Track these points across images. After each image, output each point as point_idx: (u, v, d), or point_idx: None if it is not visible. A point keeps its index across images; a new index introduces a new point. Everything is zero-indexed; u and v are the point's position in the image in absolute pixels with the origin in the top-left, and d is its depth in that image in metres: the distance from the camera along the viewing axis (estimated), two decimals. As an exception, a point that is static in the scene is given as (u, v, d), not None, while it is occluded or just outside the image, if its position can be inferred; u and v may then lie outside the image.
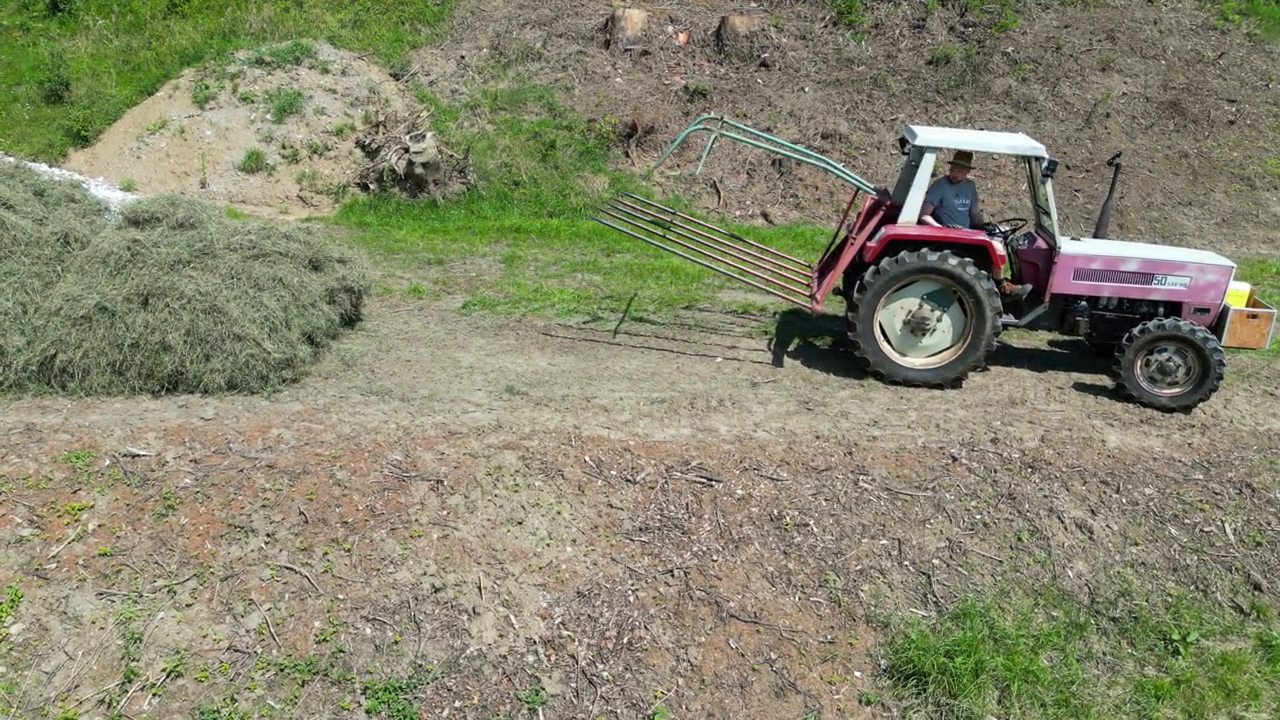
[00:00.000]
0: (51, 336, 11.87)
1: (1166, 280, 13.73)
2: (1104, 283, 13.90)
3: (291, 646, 9.09)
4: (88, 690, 8.65)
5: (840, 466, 11.32)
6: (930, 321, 13.83)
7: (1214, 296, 13.67)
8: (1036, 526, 10.80)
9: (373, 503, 10.30)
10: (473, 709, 8.87)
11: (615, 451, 11.30)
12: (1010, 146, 14.04)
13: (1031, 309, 14.18)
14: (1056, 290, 13.99)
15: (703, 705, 9.08)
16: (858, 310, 13.75)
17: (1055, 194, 13.50)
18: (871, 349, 13.91)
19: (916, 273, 13.54)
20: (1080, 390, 13.57)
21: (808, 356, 14.77)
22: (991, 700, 9.25)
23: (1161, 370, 13.31)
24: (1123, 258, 13.83)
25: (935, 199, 14.36)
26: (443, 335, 15.04)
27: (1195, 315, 13.73)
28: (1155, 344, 13.23)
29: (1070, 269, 13.89)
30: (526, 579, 9.81)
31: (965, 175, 14.48)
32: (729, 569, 10.12)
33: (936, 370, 13.89)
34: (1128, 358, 13.30)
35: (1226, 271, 13.62)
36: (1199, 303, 13.71)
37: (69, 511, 9.87)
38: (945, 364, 13.87)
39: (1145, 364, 13.39)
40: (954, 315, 13.81)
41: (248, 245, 13.26)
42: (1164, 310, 13.88)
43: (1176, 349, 13.23)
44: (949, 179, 14.43)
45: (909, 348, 14.04)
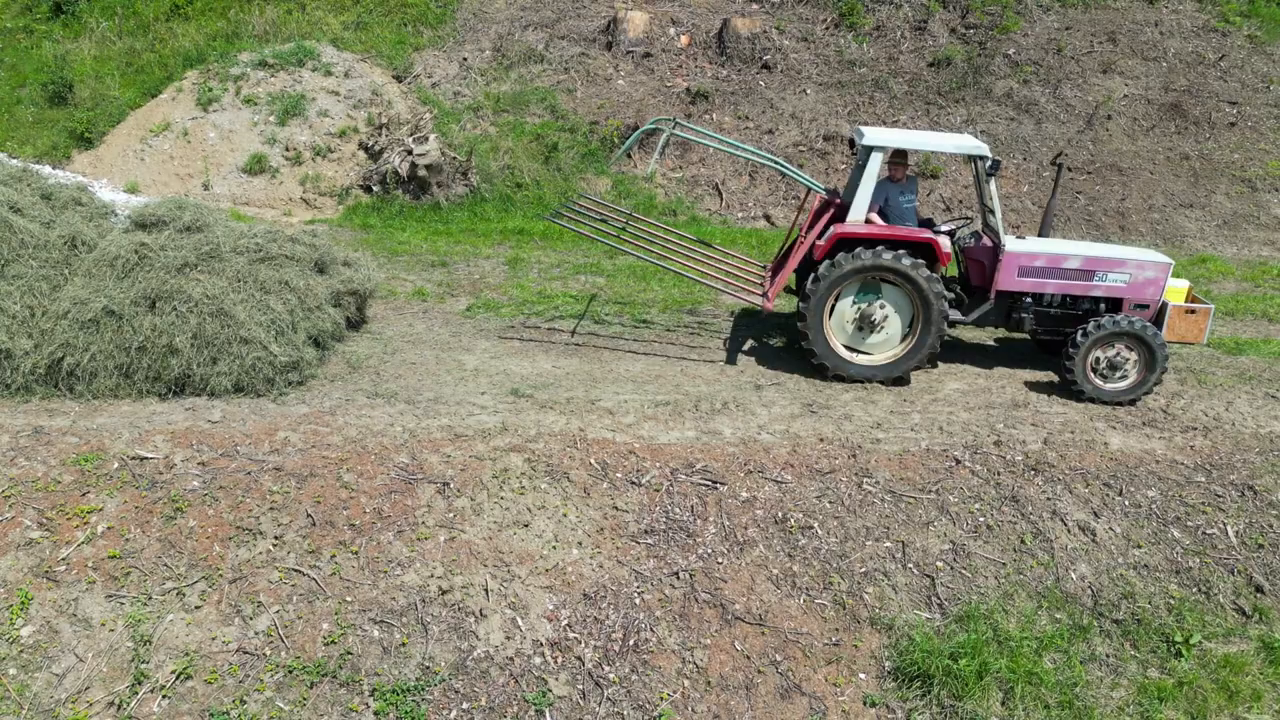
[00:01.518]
0: (59, 339, 11.92)
1: (1107, 277, 14.02)
2: (1047, 280, 14.16)
3: (300, 648, 9.14)
4: (98, 692, 8.70)
5: (844, 469, 11.38)
6: (878, 319, 14.02)
7: (1153, 293, 13.99)
8: (1039, 529, 10.85)
9: (380, 505, 10.35)
10: (480, 710, 8.91)
11: (620, 454, 11.35)
12: (956, 146, 14.24)
13: (978, 306, 14.42)
14: (1002, 287, 14.22)
15: (708, 707, 9.13)
16: (808, 307, 13.93)
17: (999, 192, 13.67)
18: (821, 345, 14.11)
19: (865, 271, 13.71)
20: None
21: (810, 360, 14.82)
22: (995, 702, 9.29)
23: (1111, 366, 13.54)
24: (1065, 255, 14.11)
25: (880, 198, 14.51)
26: (447, 338, 15.10)
27: (1135, 311, 14.02)
28: (1106, 341, 13.43)
29: (1015, 266, 14.13)
30: (533, 581, 9.86)
31: (905, 173, 14.71)
32: (734, 571, 10.18)
33: (884, 367, 14.11)
34: (1080, 355, 13.50)
35: (1165, 268, 13.94)
36: (1139, 299, 14.04)
37: (78, 514, 9.92)
38: (893, 361, 14.08)
39: (1095, 360, 13.59)
40: (902, 313, 14.01)
41: (254, 248, 13.33)
42: (1105, 306, 14.19)
43: (1126, 345, 13.47)
44: (890, 178, 14.65)
45: (858, 344, 14.25)
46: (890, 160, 14.57)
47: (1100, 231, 22.31)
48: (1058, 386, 13.81)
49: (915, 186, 14.97)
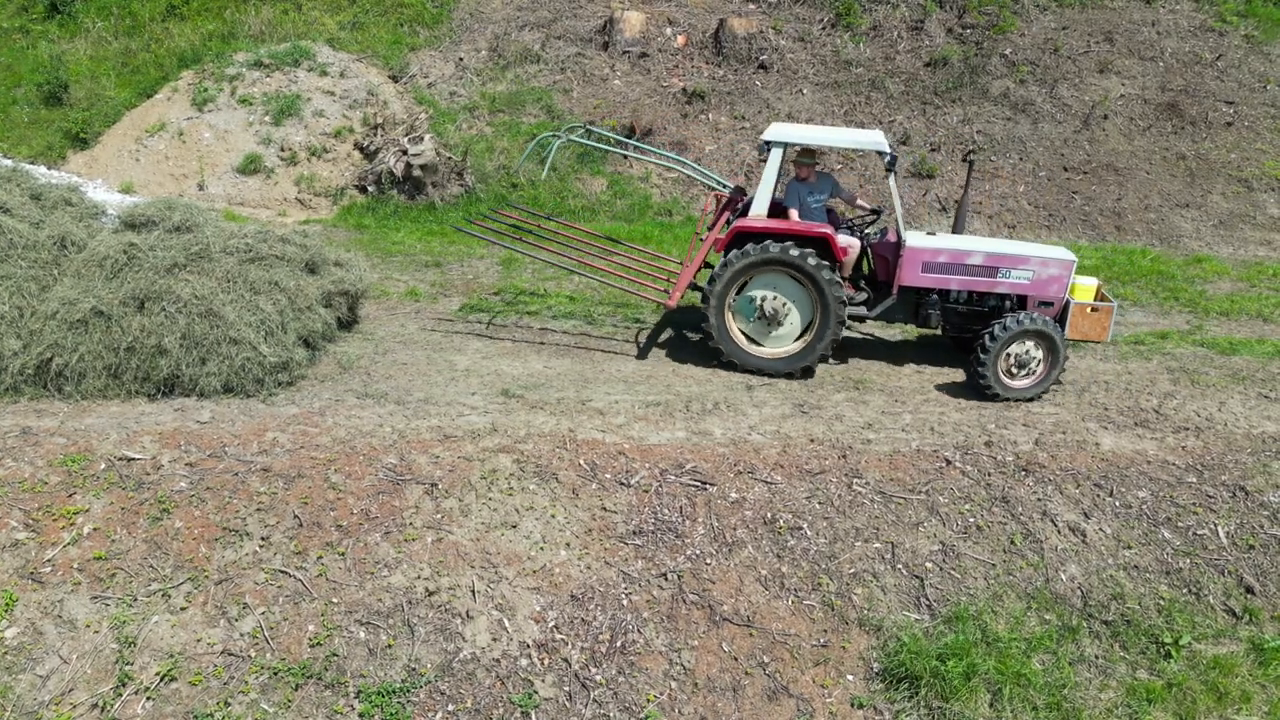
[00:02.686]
0: (48, 340, 11.89)
1: (1011, 274, 14.07)
2: (951, 276, 14.22)
3: (285, 650, 9.11)
4: (82, 694, 8.66)
5: (834, 470, 11.34)
6: (779, 312, 14.17)
7: (1057, 290, 14.01)
8: (1030, 530, 10.81)
9: (367, 506, 10.31)
10: (466, 712, 8.88)
11: (610, 455, 11.32)
12: (854, 142, 14.41)
13: (881, 301, 14.50)
14: (905, 283, 14.30)
15: (695, 709, 9.10)
16: (710, 301, 14.15)
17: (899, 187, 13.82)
18: (724, 339, 14.34)
19: (761, 264, 13.91)
20: (1074, 393, 13.56)
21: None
22: (984, 703, 9.25)
23: (1019, 364, 13.56)
24: (968, 251, 14.17)
25: (795, 199, 14.72)
26: (439, 338, 15.08)
27: (1039, 308, 14.07)
28: (1016, 339, 13.44)
29: (917, 262, 14.20)
30: (520, 582, 9.82)
31: (813, 171, 14.80)
32: (722, 572, 10.14)
33: (786, 360, 14.28)
34: (993, 356, 13.46)
35: (1068, 265, 13.97)
36: (1043, 296, 14.07)
37: (64, 515, 9.88)
38: (794, 354, 14.24)
39: (1006, 360, 13.59)
40: (802, 306, 14.14)
41: (244, 249, 13.30)
42: (1010, 304, 14.26)
43: (1034, 343, 13.47)
44: (798, 178, 14.82)
45: (762, 337, 14.42)
46: (797, 160, 14.83)
47: (1096, 231, 22.29)
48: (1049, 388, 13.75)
49: (828, 185, 15.05)
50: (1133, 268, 19.81)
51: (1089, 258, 20.37)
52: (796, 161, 14.80)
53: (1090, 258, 20.38)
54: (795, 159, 14.82)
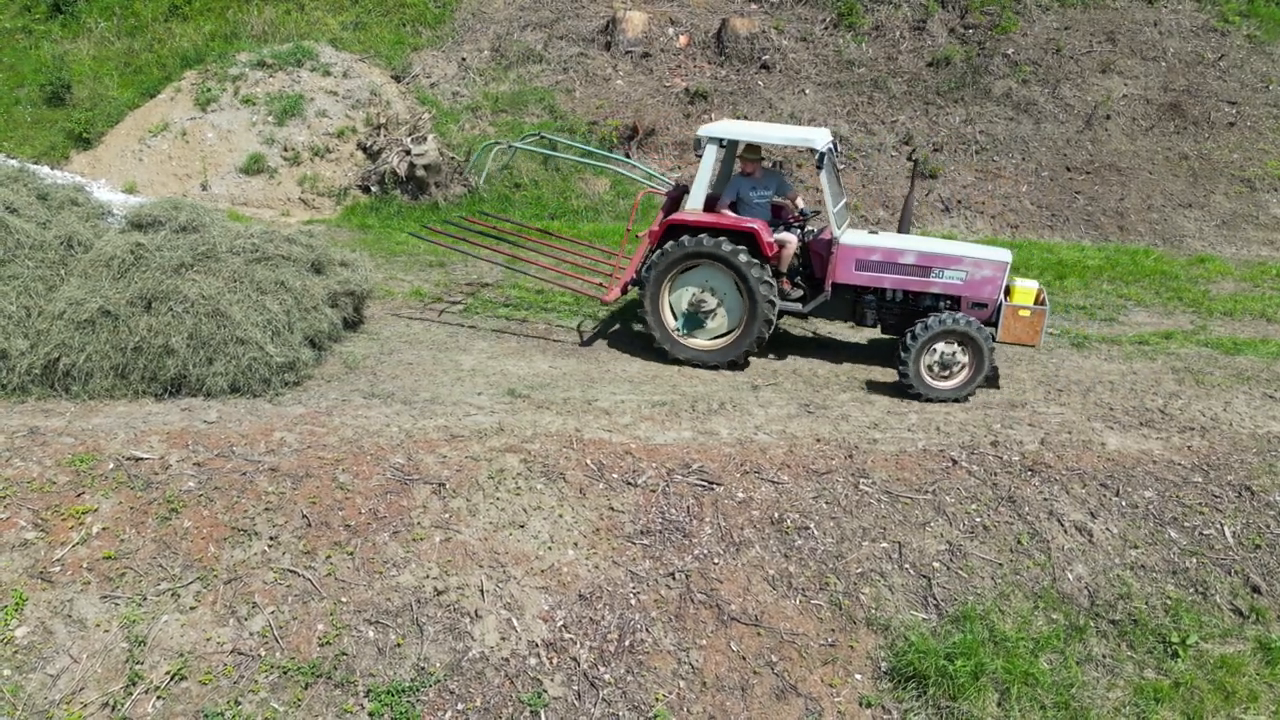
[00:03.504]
0: (55, 340, 11.91)
1: (944, 274, 14.14)
2: (885, 274, 14.32)
3: (295, 649, 9.12)
4: (92, 693, 8.68)
5: (841, 469, 11.36)
6: (710, 305, 14.47)
7: (990, 291, 14.03)
8: (1036, 529, 10.83)
9: (375, 506, 10.33)
10: (475, 711, 8.90)
11: (617, 454, 11.34)
12: (784, 139, 14.88)
13: (814, 298, 14.69)
14: (839, 280, 14.46)
15: (704, 708, 9.11)
16: (644, 293, 14.54)
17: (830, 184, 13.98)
18: (659, 329, 14.67)
19: (690, 257, 14.21)
20: (1079, 393, 13.58)
21: (808, 359, 14.81)
22: (991, 703, 9.27)
23: (943, 365, 13.58)
24: (901, 250, 14.26)
25: (733, 194, 14.91)
26: (444, 338, 15.11)
27: (973, 309, 14.13)
28: (938, 339, 13.49)
29: (851, 260, 14.35)
30: (528, 582, 9.84)
31: (757, 168, 14.93)
32: (730, 572, 10.16)
33: (717, 352, 14.56)
34: (914, 355, 13.52)
35: (1001, 267, 14.00)
36: (976, 297, 14.12)
37: (73, 515, 9.90)
38: (725, 346, 14.53)
39: (929, 359, 13.63)
40: (732, 299, 14.38)
41: (250, 248, 13.33)
42: (945, 304, 14.29)
43: (957, 343, 13.49)
44: (743, 173, 14.98)
45: (695, 329, 14.71)
46: (741, 155, 14.94)
47: (1099, 231, 22.31)
48: (1056, 387, 13.76)
49: (774, 182, 15.25)
50: (1136, 268, 19.82)
51: (1092, 258, 20.41)
52: (742, 157, 14.96)
53: (1094, 258, 20.42)
54: (740, 155, 14.98)
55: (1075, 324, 16.72)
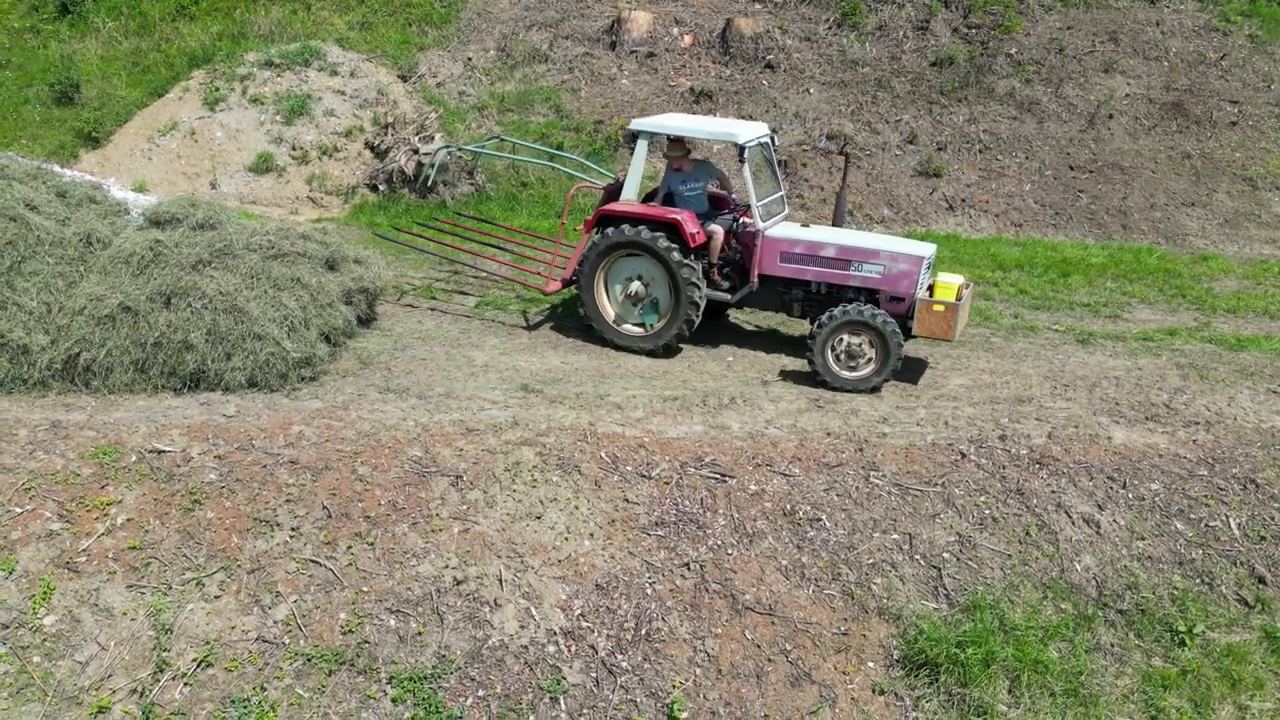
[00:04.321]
0: (76, 335, 12.06)
1: (863, 267, 14.35)
2: (807, 267, 14.65)
3: (318, 637, 9.29)
4: (120, 679, 8.84)
5: (851, 463, 11.52)
6: (641, 292, 14.96)
7: (907, 285, 14.16)
8: (1044, 521, 10.99)
9: (394, 498, 10.49)
10: (495, 698, 9.06)
11: (630, 448, 11.50)
12: (709, 132, 15.13)
13: (741, 288, 15.12)
14: (764, 272, 14.88)
15: (720, 694, 9.28)
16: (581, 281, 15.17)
17: (757, 176, 14.44)
18: (595, 316, 15.26)
19: (616, 247, 14.73)
20: (1085, 388, 13.72)
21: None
22: (1002, 690, 9.44)
23: (850, 355, 13.82)
24: (822, 243, 14.55)
25: (666, 188, 15.42)
26: (456, 334, 15.28)
27: (891, 303, 14.29)
28: (843, 329, 13.76)
29: (775, 252, 14.75)
30: (546, 572, 10.00)
31: (685, 161, 15.36)
32: (744, 562, 10.32)
33: (648, 337, 15.03)
34: (819, 344, 13.82)
35: (918, 261, 14.15)
36: (893, 291, 14.27)
37: (98, 506, 10.06)
38: (655, 332, 14.97)
39: (834, 349, 13.88)
40: (661, 288, 14.80)
41: (266, 245, 13.48)
42: (865, 297, 14.44)
43: (862, 334, 13.74)
44: (674, 167, 15.42)
45: (630, 316, 15.24)
46: (668, 150, 15.45)
47: (1103, 230, 22.45)
48: (1062, 382, 13.91)
49: (704, 173, 15.60)
50: (1139, 266, 19.97)
51: (1096, 256, 20.57)
52: (666, 154, 15.59)
53: (1097, 256, 20.57)
54: (665, 152, 15.63)
55: (1080, 321, 16.87)
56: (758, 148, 15.12)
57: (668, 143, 15.45)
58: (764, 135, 15.28)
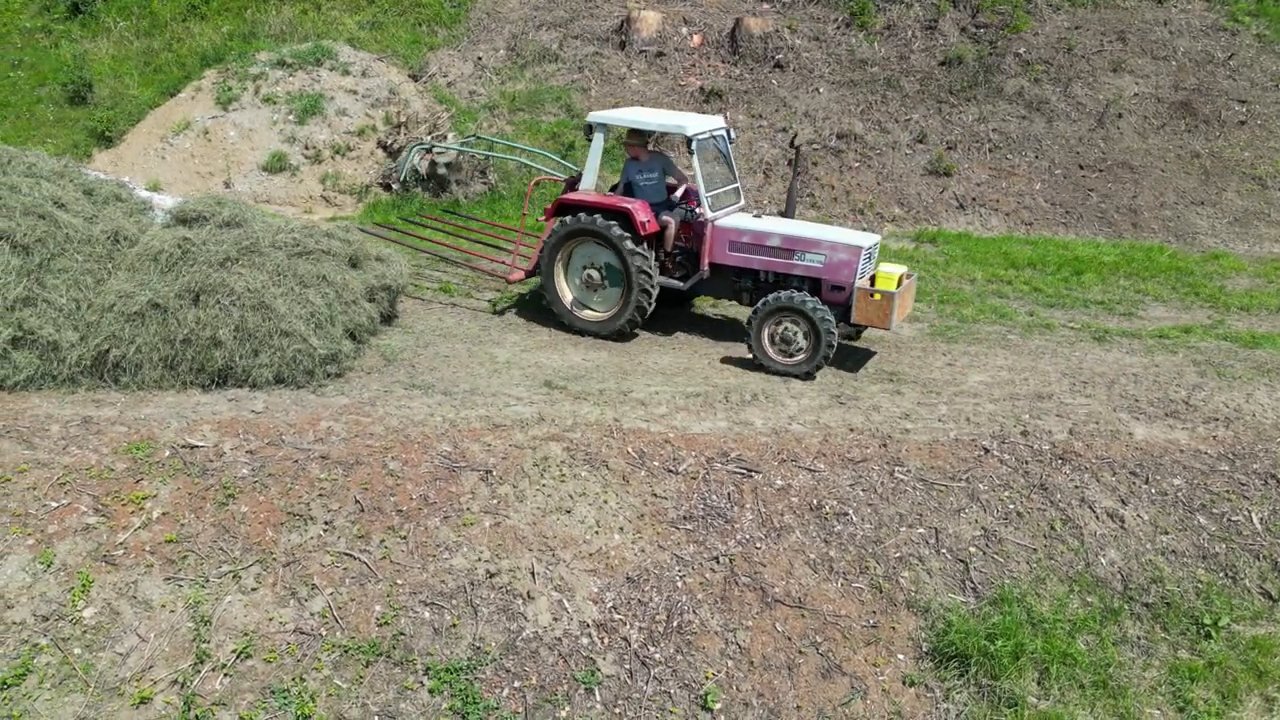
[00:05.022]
0: (105, 332, 12.15)
1: (805, 257, 14.72)
2: (754, 256, 15.05)
3: (354, 629, 9.39)
4: (161, 670, 8.93)
5: (875, 458, 11.62)
6: (596, 279, 15.51)
7: (846, 274, 14.46)
8: (1069, 516, 11.09)
9: (425, 492, 10.59)
10: (531, 689, 9.16)
11: (656, 443, 11.60)
12: (660, 125, 15.60)
13: (692, 275, 15.56)
14: (714, 260, 15.30)
15: (753, 685, 9.38)
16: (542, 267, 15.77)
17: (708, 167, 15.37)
18: (556, 301, 15.83)
19: (572, 235, 15.27)
20: (1104, 385, 13.81)
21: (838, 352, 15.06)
22: (1031, 682, 9.54)
23: (784, 340, 14.22)
24: (767, 233, 14.94)
25: (625, 178, 15.96)
26: (477, 331, 15.38)
27: (832, 292, 14.66)
28: (776, 315, 14.21)
29: (724, 241, 15.16)
30: (577, 565, 10.10)
31: (642, 152, 15.89)
32: (772, 556, 10.42)
33: (604, 322, 15.57)
34: (755, 328, 14.31)
35: (856, 251, 14.41)
36: (834, 280, 14.60)
37: (133, 500, 10.15)
38: (608, 317, 15.53)
39: (771, 335, 14.32)
40: (616, 275, 15.34)
41: (291, 243, 13.57)
42: (809, 286, 14.82)
43: (794, 320, 14.14)
44: (633, 157, 15.95)
45: (589, 301, 15.82)
46: (626, 141, 16.05)
47: (1113, 229, 22.54)
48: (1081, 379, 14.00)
49: (659, 164, 16.06)
50: (1151, 264, 20.06)
51: (1108, 254, 20.66)
52: (626, 143, 16.16)
53: (1109, 254, 20.66)
54: (625, 141, 16.17)
55: (1095, 318, 16.96)
56: (709, 140, 15.54)
57: (628, 135, 15.90)
58: (717, 129, 15.70)
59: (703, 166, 15.09)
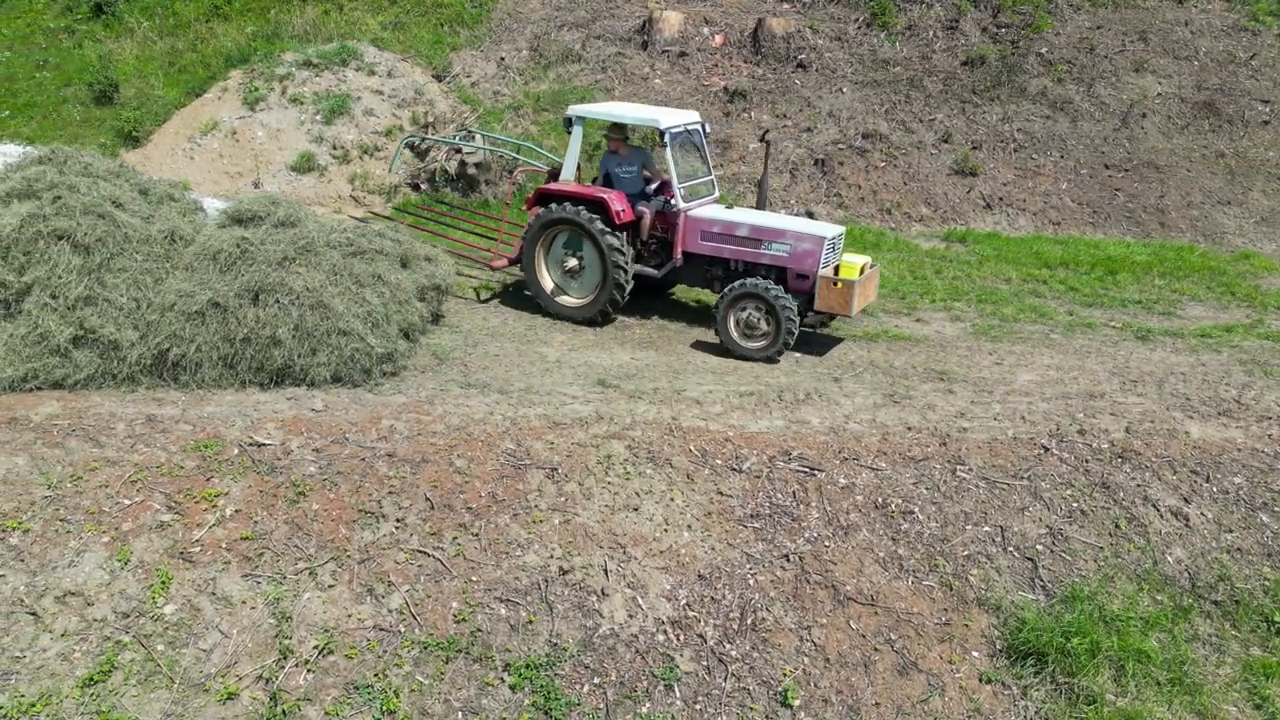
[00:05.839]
0: (166, 331, 12.18)
1: (772, 246, 15.37)
2: (724, 245, 15.73)
3: (432, 626, 9.42)
4: (245, 666, 8.96)
5: (936, 457, 11.66)
6: (574, 266, 16.14)
7: (810, 263, 15.10)
8: (1133, 514, 11.13)
9: (493, 489, 10.63)
10: (611, 685, 9.19)
11: (717, 441, 11.63)
12: (635, 118, 16.11)
13: (666, 263, 16.21)
14: (687, 249, 15.98)
15: (830, 683, 9.41)
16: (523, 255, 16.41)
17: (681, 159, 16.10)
18: (536, 288, 16.50)
19: (553, 223, 15.92)
20: (1154, 384, 13.85)
21: (883, 351, 15.12)
22: (1108, 679, 9.56)
23: (748, 325, 14.93)
24: (737, 223, 15.61)
25: (604, 169, 16.70)
26: (523, 331, 15.45)
27: (797, 280, 15.29)
28: (741, 301, 14.92)
29: (696, 230, 15.86)
30: (648, 562, 10.14)
31: (621, 145, 16.66)
32: (841, 554, 10.46)
33: (581, 308, 16.18)
34: (721, 313, 15.03)
35: (819, 241, 15.04)
36: (799, 269, 15.25)
37: (205, 498, 10.19)
38: (585, 303, 16.15)
39: (736, 320, 15.01)
40: (593, 262, 15.93)
41: (346, 242, 13.64)
42: (775, 274, 15.44)
43: (757, 306, 14.82)
44: (610, 150, 16.78)
45: (567, 287, 16.44)
46: (607, 134, 16.93)
47: (1141, 228, 22.62)
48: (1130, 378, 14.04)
49: (638, 158, 16.72)
50: (1183, 264, 20.14)
51: (1139, 254, 20.75)
52: (608, 136, 16.92)
53: (1140, 254, 20.75)
54: (607, 134, 16.82)
55: (1135, 318, 17.03)
56: (682, 133, 16.13)
57: (610, 129, 16.66)
58: (692, 123, 16.35)
59: (677, 159, 15.74)
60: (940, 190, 23.73)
